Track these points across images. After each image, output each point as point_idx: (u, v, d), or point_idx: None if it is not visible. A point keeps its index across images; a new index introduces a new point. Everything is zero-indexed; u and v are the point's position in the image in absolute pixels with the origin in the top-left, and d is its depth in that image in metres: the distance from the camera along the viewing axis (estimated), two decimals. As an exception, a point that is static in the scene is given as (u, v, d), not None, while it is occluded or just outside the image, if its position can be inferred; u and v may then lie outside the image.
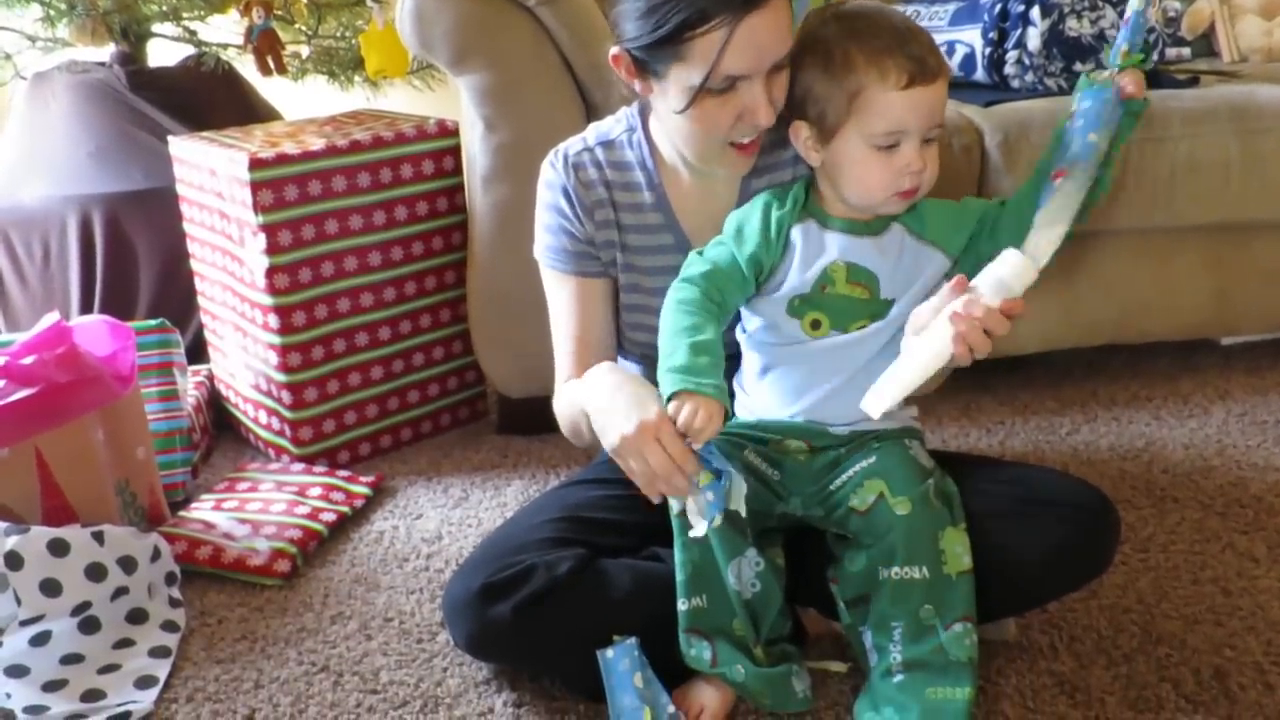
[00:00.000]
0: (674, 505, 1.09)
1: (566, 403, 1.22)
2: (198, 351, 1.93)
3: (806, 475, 1.13)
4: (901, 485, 1.07)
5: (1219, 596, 1.29)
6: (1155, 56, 1.78)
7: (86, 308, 1.98)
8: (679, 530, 1.09)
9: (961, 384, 1.40)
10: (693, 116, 1.09)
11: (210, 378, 1.87)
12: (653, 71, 1.09)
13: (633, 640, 1.07)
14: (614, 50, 1.12)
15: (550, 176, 1.23)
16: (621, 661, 1.06)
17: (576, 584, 1.08)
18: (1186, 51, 2.15)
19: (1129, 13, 1.12)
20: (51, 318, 1.44)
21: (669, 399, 1.03)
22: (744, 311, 1.16)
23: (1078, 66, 1.73)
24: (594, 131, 1.25)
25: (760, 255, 1.12)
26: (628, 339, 1.28)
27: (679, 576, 1.08)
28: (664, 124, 1.17)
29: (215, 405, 1.86)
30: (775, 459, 1.13)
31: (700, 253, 1.15)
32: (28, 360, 1.35)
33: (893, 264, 1.11)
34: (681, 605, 1.07)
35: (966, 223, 1.13)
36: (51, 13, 1.90)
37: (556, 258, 1.24)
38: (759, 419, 1.15)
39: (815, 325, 1.11)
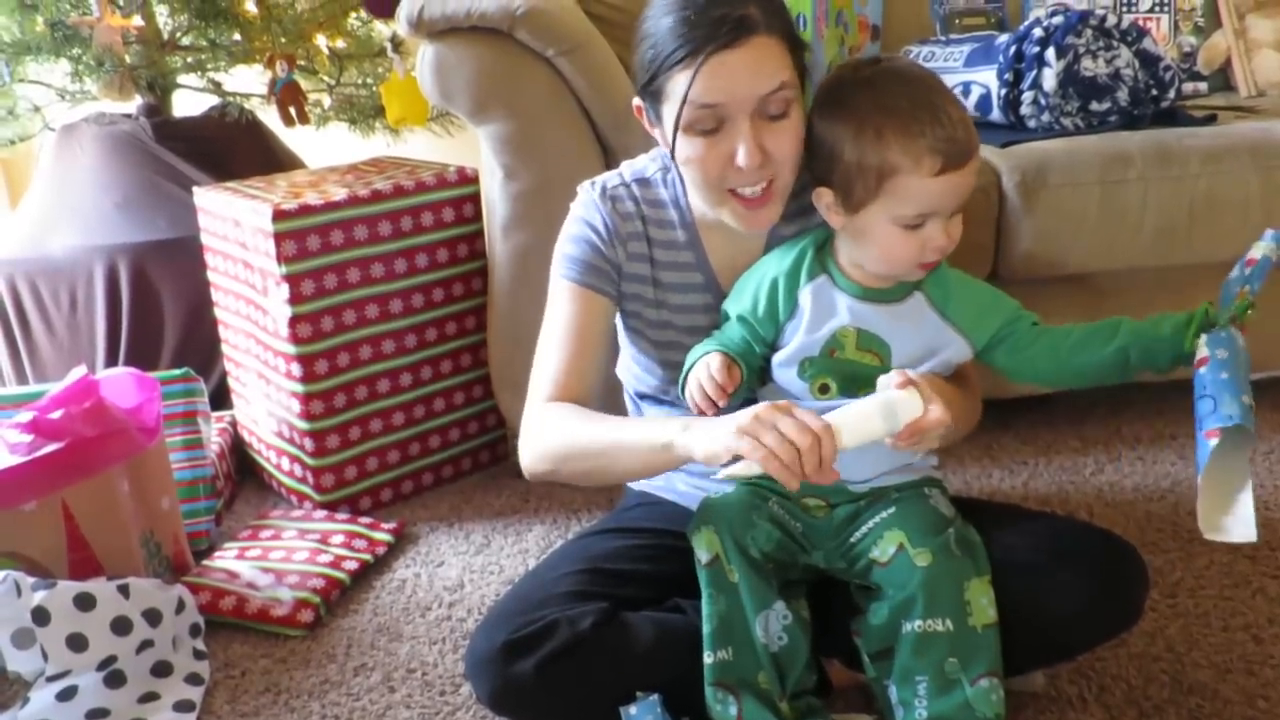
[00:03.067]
0: (702, 555, 1.09)
1: (568, 435, 1.14)
2: (221, 397, 1.95)
3: (827, 529, 1.12)
4: (921, 536, 1.06)
5: (1250, 644, 1.27)
6: (1171, 94, 1.78)
7: (112, 355, 2.00)
8: (706, 582, 1.08)
9: (983, 423, 1.39)
10: (684, 159, 1.10)
11: (233, 424, 1.89)
12: (654, 117, 1.12)
13: (655, 697, 1.06)
14: (635, 101, 1.15)
15: (586, 199, 1.22)
16: (645, 719, 1.05)
17: (599, 639, 1.07)
18: (1203, 86, 2.15)
19: (1257, 255, 1.01)
20: (79, 371, 1.46)
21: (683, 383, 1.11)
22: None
23: (1094, 105, 1.74)
24: (629, 169, 1.25)
25: (765, 324, 1.12)
26: (665, 378, 1.26)
27: (706, 628, 1.07)
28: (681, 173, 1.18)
29: (238, 451, 1.87)
30: (796, 513, 1.12)
31: (711, 336, 1.16)
32: (56, 414, 1.36)
33: (908, 335, 1.09)
34: (708, 658, 1.07)
35: (993, 319, 1.10)
36: (80, 68, 1.93)
37: (572, 266, 1.20)
38: None
39: (824, 389, 1.10)
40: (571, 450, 1.13)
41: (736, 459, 0.98)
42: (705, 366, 1.09)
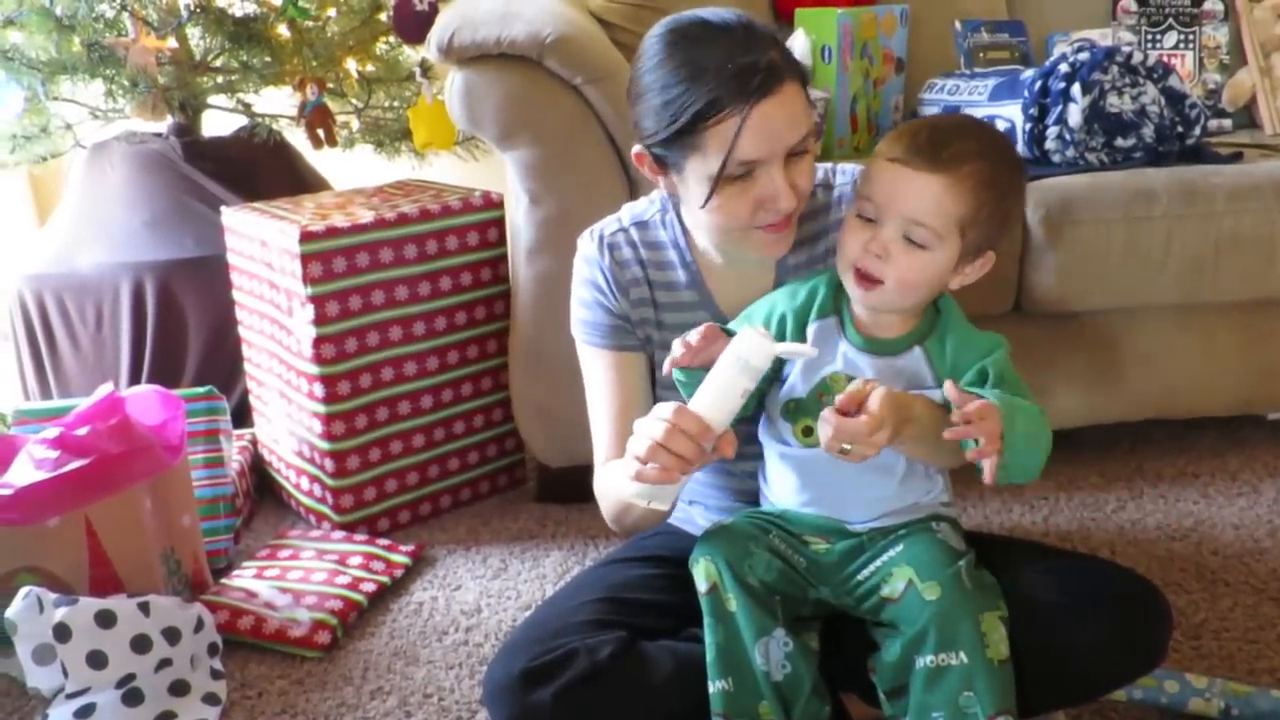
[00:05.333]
0: (701, 584, 1.09)
1: (614, 484, 1.21)
2: (242, 415, 1.96)
3: (830, 564, 1.11)
4: (929, 570, 1.05)
5: (1277, 689, 1.25)
6: (1197, 131, 1.78)
7: (136, 371, 2.02)
8: (706, 611, 1.08)
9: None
10: (713, 208, 1.09)
11: (254, 442, 1.90)
12: (673, 166, 1.10)
13: (674, 728, 1.06)
14: (636, 149, 1.14)
15: (586, 253, 1.24)
16: (663, 750, 1.05)
17: (618, 668, 1.07)
18: (1228, 123, 2.15)
19: None
20: (106, 388, 1.47)
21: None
22: None
23: (1119, 142, 1.74)
24: (628, 212, 1.26)
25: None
26: None
27: (708, 657, 1.07)
28: (691, 217, 1.18)
29: (257, 470, 1.88)
30: (798, 547, 1.12)
31: None
32: (82, 431, 1.37)
33: (901, 390, 1.06)
34: (711, 688, 1.06)
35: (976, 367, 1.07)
36: (114, 87, 1.96)
37: (593, 332, 1.24)
38: (782, 510, 1.15)
39: (806, 432, 1.09)
40: (618, 506, 1.19)
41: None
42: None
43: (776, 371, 1.13)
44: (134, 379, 2.01)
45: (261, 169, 2.13)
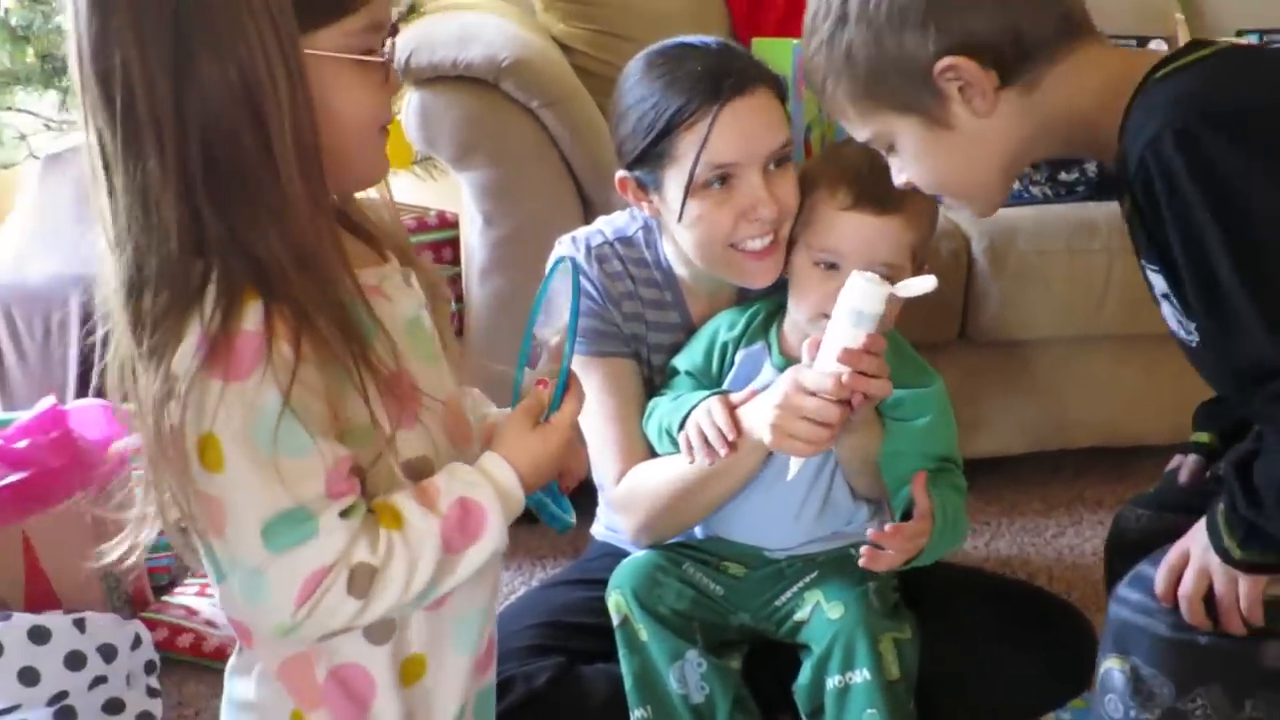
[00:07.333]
0: (614, 617, 1.10)
1: (653, 485, 1.12)
2: (192, 430, 1.94)
3: (748, 590, 1.12)
4: (835, 591, 1.07)
5: (1202, 714, 1.28)
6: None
7: (84, 383, 1.99)
8: (620, 643, 1.09)
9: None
10: (693, 221, 1.07)
11: (203, 457, 1.88)
12: (653, 185, 1.10)
13: (610, 750, 1.07)
14: (619, 174, 1.13)
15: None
16: (598, 772, 1.05)
17: (554, 695, 1.08)
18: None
19: None
20: (47, 401, 1.46)
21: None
22: None
23: (1062, 175, 1.78)
24: (609, 226, 1.21)
25: (714, 383, 1.12)
26: None
27: (626, 686, 1.08)
28: (677, 243, 1.14)
29: (206, 485, 1.86)
30: (714, 575, 1.13)
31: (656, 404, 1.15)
32: (21, 444, 1.36)
33: None
34: (633, 716, 1.07)
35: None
36: (69, 99, 1.95)
37: (582, 341, 1.12)
38: (701, 538, 1.16)
39: None
40: (666, 503, 1.12)
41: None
42: (707, 411, 1.05)
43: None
44: (82, 393, 1.98)
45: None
